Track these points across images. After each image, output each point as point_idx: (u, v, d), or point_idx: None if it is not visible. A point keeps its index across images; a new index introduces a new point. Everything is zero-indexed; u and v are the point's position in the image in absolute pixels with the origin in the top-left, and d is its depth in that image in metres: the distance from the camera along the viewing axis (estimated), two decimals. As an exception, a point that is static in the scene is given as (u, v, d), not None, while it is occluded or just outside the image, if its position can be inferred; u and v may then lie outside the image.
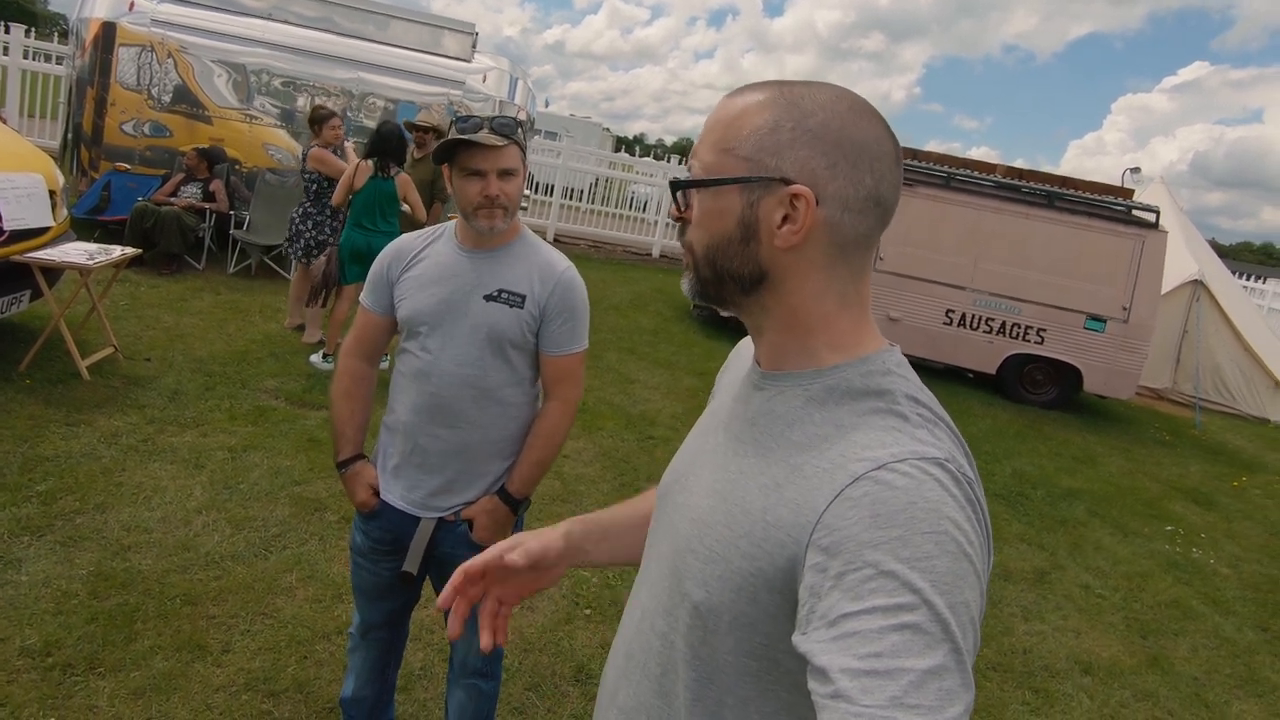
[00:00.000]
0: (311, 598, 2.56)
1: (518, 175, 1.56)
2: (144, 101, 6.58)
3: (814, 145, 0.66)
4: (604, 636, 2.65)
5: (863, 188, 0.66)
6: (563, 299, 1.60)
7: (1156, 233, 6.82)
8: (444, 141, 1.53)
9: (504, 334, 1.56)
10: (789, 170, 0.66)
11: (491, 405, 1.60)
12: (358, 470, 1.67)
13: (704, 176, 0.70)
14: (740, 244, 0.69)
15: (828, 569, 0.58)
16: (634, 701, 0.77)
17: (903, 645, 0.52)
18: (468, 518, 1.63)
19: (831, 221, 0.67)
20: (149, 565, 2.57)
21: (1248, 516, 5.32)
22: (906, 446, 0.61)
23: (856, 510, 0.58)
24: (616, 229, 12.10)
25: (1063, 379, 7.17)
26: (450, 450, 1.60)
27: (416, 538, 1.63)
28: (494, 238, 1.59)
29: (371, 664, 1.82)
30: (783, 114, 0.67)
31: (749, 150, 0.68)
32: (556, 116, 21.79)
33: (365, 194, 4.54)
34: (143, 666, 2.14)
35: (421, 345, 1.59)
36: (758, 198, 0.67)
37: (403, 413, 1.62)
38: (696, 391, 5.65)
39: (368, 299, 1.67)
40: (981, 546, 0.59)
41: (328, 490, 3.26)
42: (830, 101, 0.67)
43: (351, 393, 1.70)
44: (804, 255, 0.68)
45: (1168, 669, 3.16)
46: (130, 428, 3.48)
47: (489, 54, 7.84)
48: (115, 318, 4.63)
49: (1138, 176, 9.70)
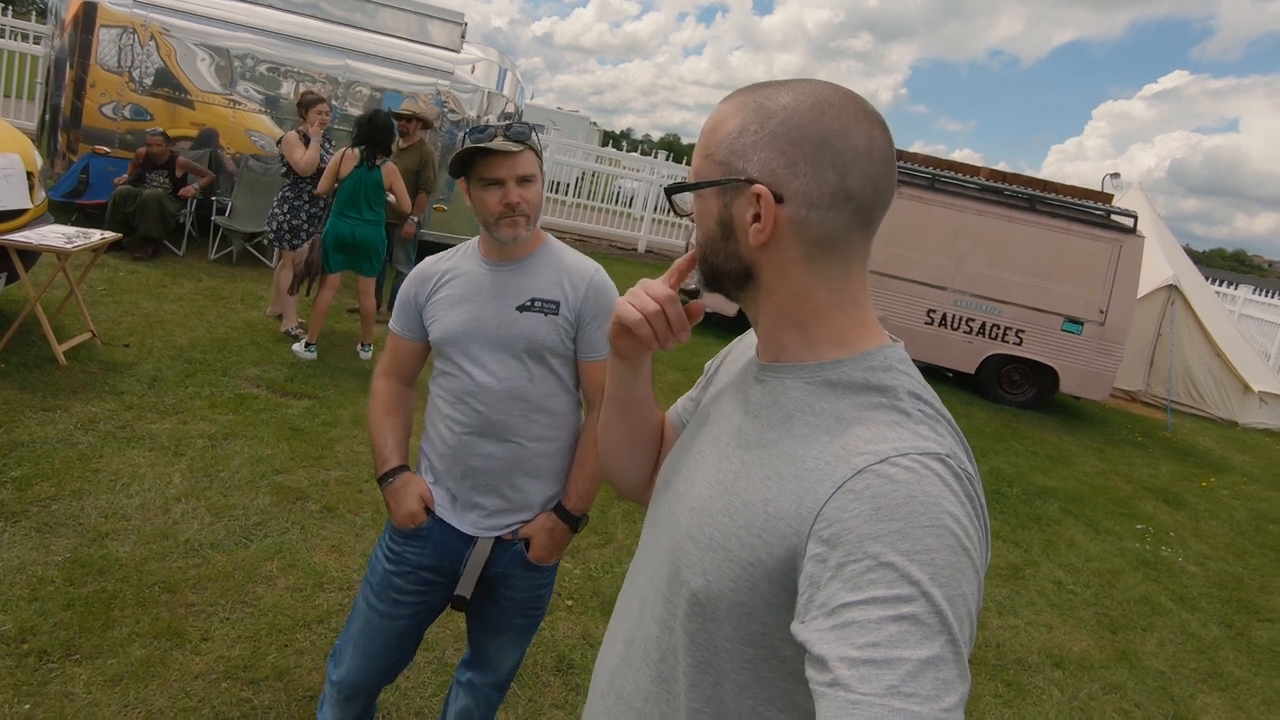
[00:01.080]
0: (292, 586, 2.56)
1: (536, 181, 1.51)
2: (125, 84, 6.47)
3: (773, 145, 0.69)
4: (585, 628, 2.67)
5: (826, 184, 0.68)
6: (597, 302, 1.54)
7: (1134, 238, 6.94)
8: (460, 153, 1.47)
9: (542, 342, 1.52)
10: (753, 171, 0.69)
11: (540, 416, 1.54)
12: (405, 480, 1.55)
13: (689, 182, 0.76)
14: (722, 242, 0.73)
15: (828, 559, 0.59)
16: (632, 687, 0.79)
17: (901, 636, 0.53)
18: (525, 536, 1.56)
19: (798, 219, 0.68)
20: (127, 552, 2.55)
21: (1215, 516, 5.44)
22: (908, 441, 0.63)
23: (858, 503, 0.60)
24: (603, 223, 12.08)
25: (1040, 379, 7.29)
26: (503, 468, 1.54)
27: (473, 559, 1.54)
28: (518, 248, 1.54)
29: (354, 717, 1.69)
30: (749, 118, 0.71)
31: (723, 155, 0.72)
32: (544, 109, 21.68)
33: (351, 183, 4.50)
34: (120, 654, 2.12)
35: (460, 365, 1.53)
36: (730, 199, 0.71)
37: (449, 435, 1.54)
38: (680, 386, 5.66)
39: (397, 325, 1.62)
40: (980, 541, 0.61)
41: (309, 480, 3.24)
42: (793, 101, 0.69)
43: (391, 408, 1.62)
44: (779, 252, 0.70)
45: (1136, 663, 3.24)
46: (108, 414, 3.43)
47: (478, 45, 7.80)
48: (93, 303, 4.57)
49: (1117, 182, 9.86)
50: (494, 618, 1.64)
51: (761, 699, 0.69)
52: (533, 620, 1.67)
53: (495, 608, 1.63)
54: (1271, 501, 6.10)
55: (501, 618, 1.64)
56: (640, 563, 0.85)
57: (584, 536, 3.24)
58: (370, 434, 1.64)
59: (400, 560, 1.56)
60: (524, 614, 1.65)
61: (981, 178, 7.60)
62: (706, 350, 0.96)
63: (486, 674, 1.71)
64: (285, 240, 5.00)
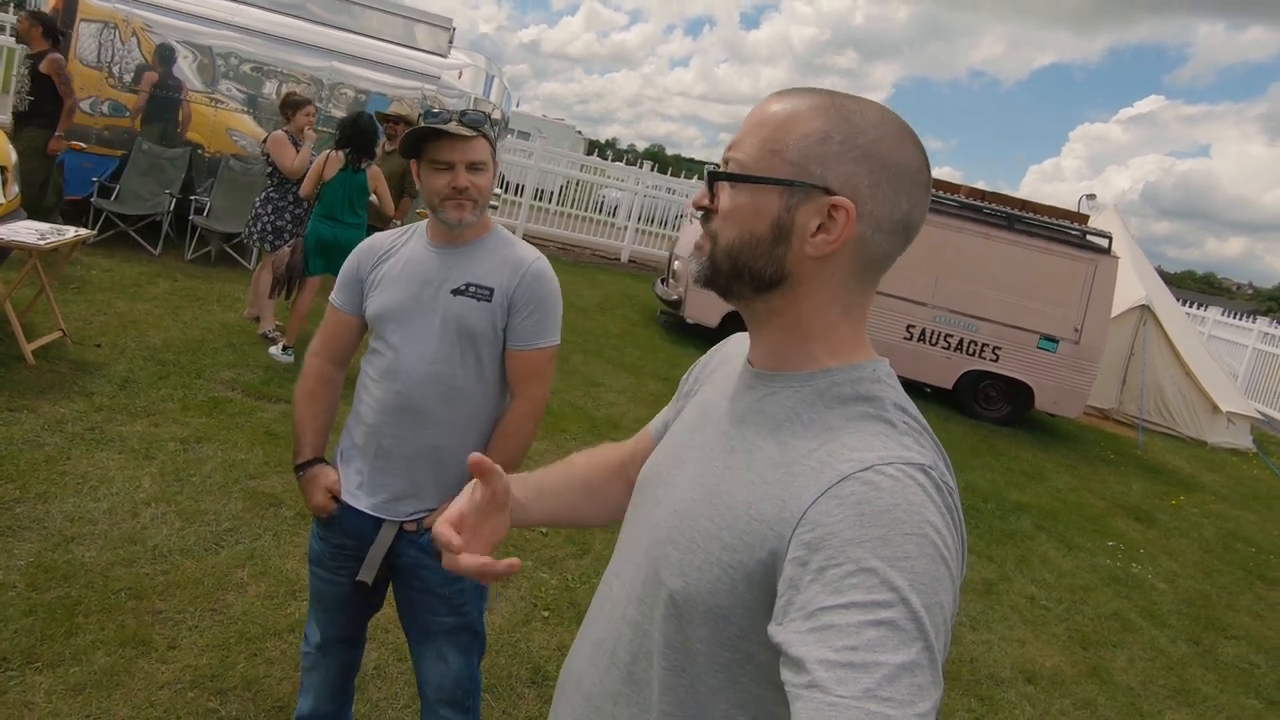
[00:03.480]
0: (264, 594, 2.51)
1: (487, 170, 1.53)
2: (104, 79, 6.38)
3: (862, 162, 0.68)
4: (561, 638, 2.65)
5: (898, 210, 0.69)
6: (530, 289, 1.55)
7: (1109, 258, 7.08)
8: (411, 131, 1.50)
9: (474, 328, 1.53)
10: (833, 181, 0.68)
11: (460, 405, 1.55)
12: (315, 473, 1.60)
13: (745, 173, 0.70)
14: (770, 245, 0.70)
15: (808, 563, 0.59)
16: (600, 689, 0.78)
17: (879, 640, 0.54)
18: (430, 525, 1.56)
19: (863, 238, 0.69)
20: (92, 557, 2.49)
21: (1184, 534, 5.54)
22: (893, 451, 0.63)
23: (842, 508, 0.60)
24: (587, 232, 12.09)
25: (1015, 396, 7.39)
26: (415, 452, 1.55)
27: (376, 544, 1.57)
28: (464, 233, 1.56)
29: (332, 680, 1.74)
30: (835, 125, 0.68)
31: (796, 155, 0.68)
32: (529, 116, 21.70)
33: (335, 185, 4.46)
34: (83, 662, 2.07)
35: (389, 343, 1.55)
36: (797, 203, 0.68)
37: (367, 413, 1.56)
38: (661, 396, 5.67)
39: (338, 298, 1.63)
40: (957, 552, 0.62)
41: (284, 485, 3.19)
42: (881, 122, 0.69)
43: (316, 394, 1.65)
44: (829, 266, 0.70)
45: (1106, 679, 3.28)
46: (77, 415, 3.36)
47: (465, 50, 7.79)
48: (64, 301, 4.47)
49: (1093, 203, 10.06)
50: (420, 616, 1.63)
51: (735, 703, 0.69)
52: (462, 620, 1.62)
53: (419, 603, 1.62)
54: (1239, 520, 6.23)
55: (427, 615, 1.62)
56: (615, 565, 0.84)
57: (561, 546, 3.22)
58: (294, 417, 1.66)
59: (325, 539, 1.63)
60: (450, 611, 1.61)
61: (962, 195, 7.72)
62: (690, 361, 0.95)
63: (431, 687, 1.65)
64: (268, 241, 4.94)
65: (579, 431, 4.60)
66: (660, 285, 8.12)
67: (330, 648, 1.72)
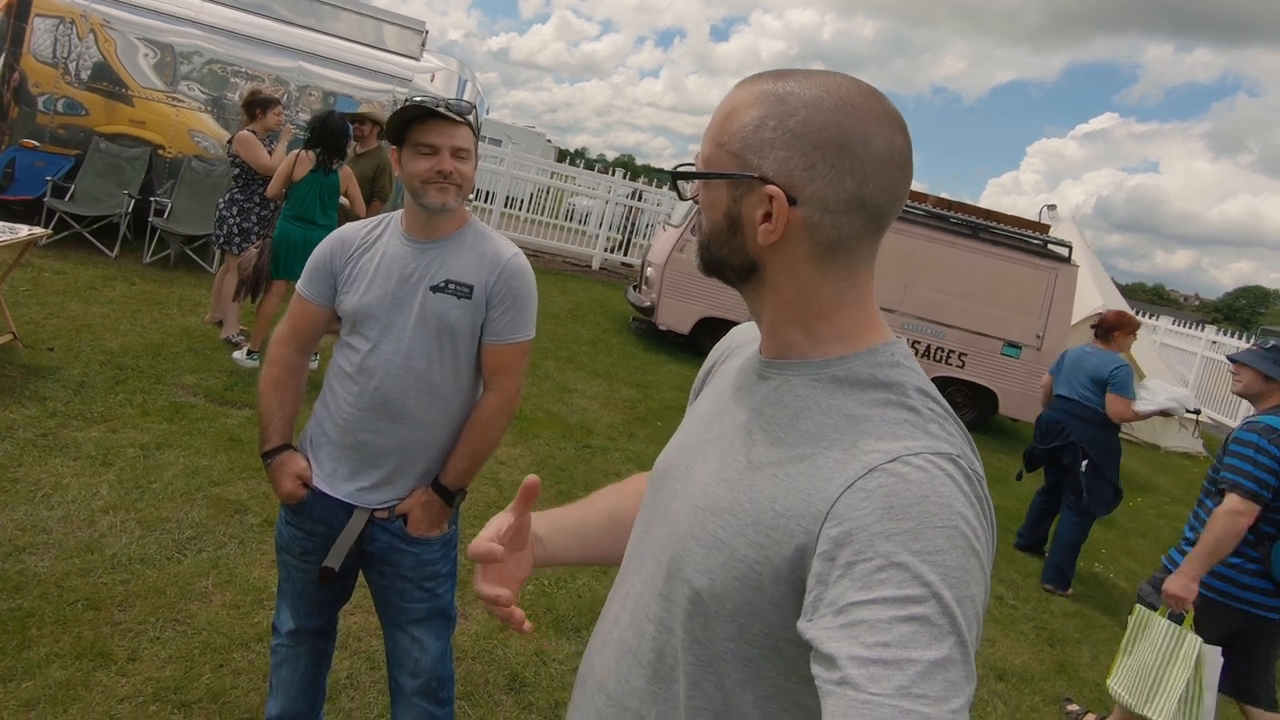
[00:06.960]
0: (229, 603, 2.43)
1: (470, 158, 1.53)
2: (59, 76, 6.17)
3: (792, 145, 0.66)
4: (538, 644, 2.61)
5: (843, 189, 0.66)
6: (507, 286, 1.55)
7: (1069, 267, 7.29)
8: (398, 112, 1.48)
9: (453, 326, 1.53)
10: (768, 170, 0.67)
11: (437, 400, 1.55)
12: (284, 460, 1.59)
13: (699, 169, 0.72)
14: (728, 235, 0.71)
15: (837, 558, 0.58)
16: (625, 687, 0.76)
17: (911, 636, 0.53)
18: (402, 512, 1.58)
19: (811, 222, 0.67)
20: (46, 567, 2.38)
21: (1141, 534, 5.70)
22: (920, 441, 0.62)
23: (870, 501, 0.59)
24: (558, 240, 12.05)
25: (980, 401, 7.54)
26: (391, 447, 1.55)
27: (346, 531, 1.56)
28: (441, 226, 1.54)
29: (304, 673, 1.72)
30: (768, 111, 0.67)
31: (737, 147, 0.68)
32: (499, 123, 21.62)
33: (306, 186, 4.37)
34: (36, 675, 1.97)
35: (366, 339, 1.53)
36: (741, 194, 0.69)
37: (342, 406, 1.55)
38: (634, 402, 5.66)
39: (306, 289, 1.60)
40: (988, 543, 0.61)
41: (249, 491, 3.10)
42: (816, 99, 0.66)
43: (282, 382, 1.63)
44: (787, 252, 0.69)
45: (1074, 674, 3.34)
46: (28, 420, 3.22)
47: (438, 54, 7.72)
48: (15, 303, 4.29)
49: (1054, 214, 10.35)
50: (393, 601, 1.63)
51: (763, 696, 0.68)
52: (435, 605, 1.64)
53: (391, 589, 1.62)
54: (1192, 520, 6.42)
55: (400, 600, 1.62)
56: (633, 561, 0.82)
57: (537, 552, 3.18)
58: (259, 405, 1.64)
59: (295, 525, 1.62)
60: (423, 596, 1.62)
61: (929, 205, 7.88)
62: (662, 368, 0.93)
63: (407, 674, 1.65)
64: (234, 244, 4.81)
65: (552, 437, 4.57)
66: (633, 292, 8.12)
67: (302, 637, 1.71)
